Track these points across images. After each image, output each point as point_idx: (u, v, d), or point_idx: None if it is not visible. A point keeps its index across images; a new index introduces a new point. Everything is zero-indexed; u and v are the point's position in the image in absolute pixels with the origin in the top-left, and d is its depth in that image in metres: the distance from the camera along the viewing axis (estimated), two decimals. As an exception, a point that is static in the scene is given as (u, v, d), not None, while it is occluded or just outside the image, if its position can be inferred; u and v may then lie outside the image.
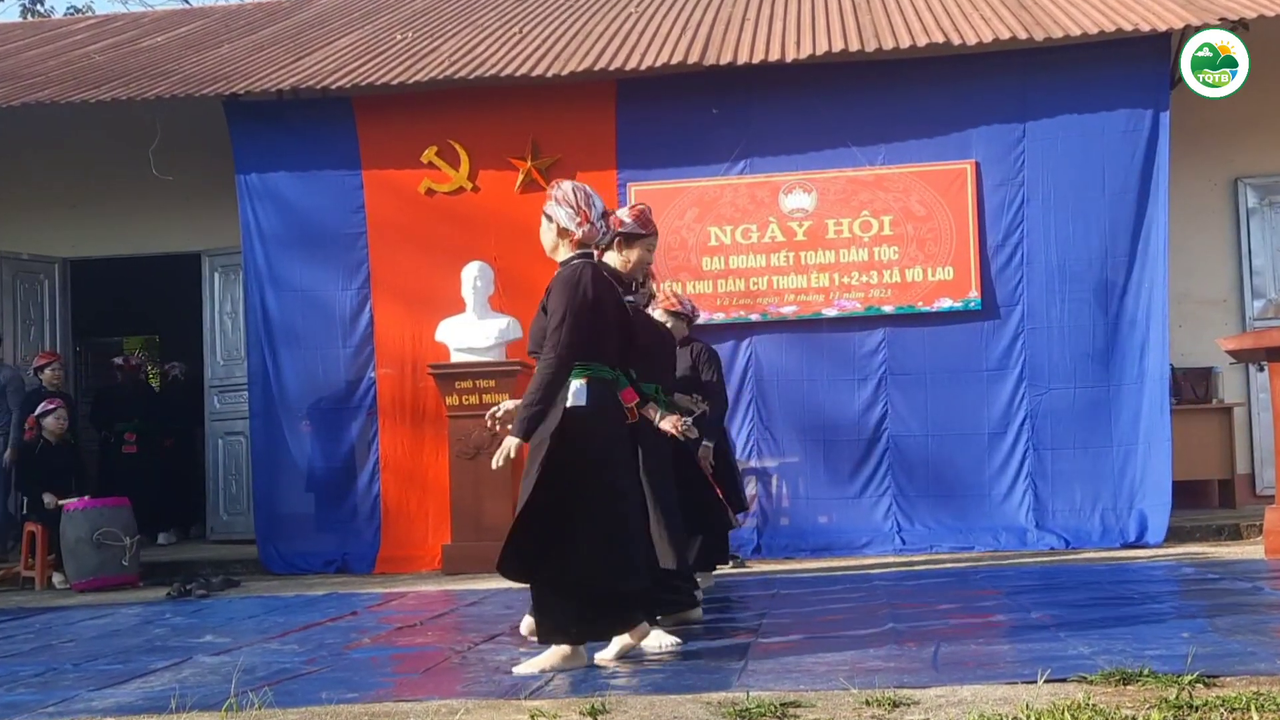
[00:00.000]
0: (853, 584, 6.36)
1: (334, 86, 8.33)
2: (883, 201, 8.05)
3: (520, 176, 8.37)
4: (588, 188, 4.36)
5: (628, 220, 4.78)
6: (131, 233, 10.00)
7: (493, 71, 8.16)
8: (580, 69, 8.05)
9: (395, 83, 8.23)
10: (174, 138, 9.11)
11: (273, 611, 6.33)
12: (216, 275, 9.79)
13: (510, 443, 4.09)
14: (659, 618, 4.72)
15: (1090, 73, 7.84)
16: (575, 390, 4.18)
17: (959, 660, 4.02)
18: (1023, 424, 7.81)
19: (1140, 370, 7.71)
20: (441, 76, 8.18)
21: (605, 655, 4.25)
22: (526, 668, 4.14)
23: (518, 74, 8.11)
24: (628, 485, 4.36)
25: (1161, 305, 7.71)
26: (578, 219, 4.28)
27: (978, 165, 7.94)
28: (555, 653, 4.17)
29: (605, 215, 4.38)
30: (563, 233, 4.31)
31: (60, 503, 8.06)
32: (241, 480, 9.45)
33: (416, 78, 8.23)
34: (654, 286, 5.75)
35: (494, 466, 4.16)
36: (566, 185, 4.36)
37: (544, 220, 4.36)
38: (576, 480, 4.12)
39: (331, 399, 8.43)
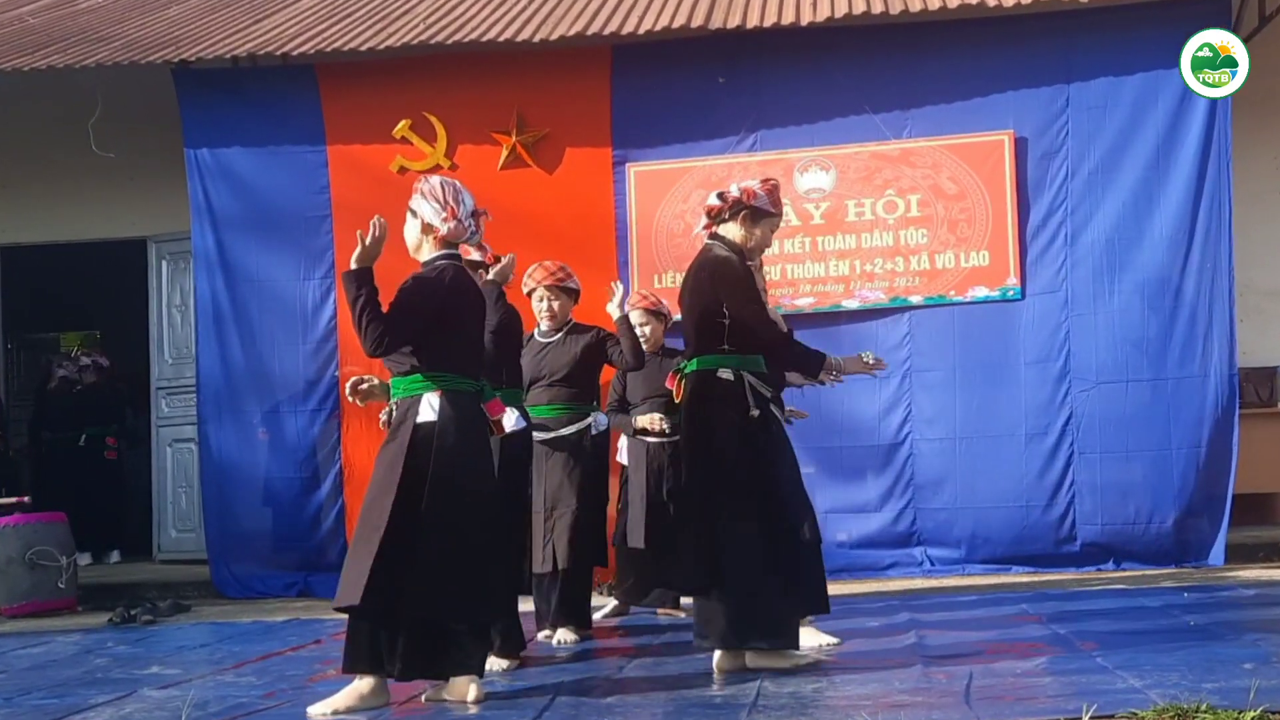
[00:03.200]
0: (874, 607, 6.35)
1: (295, 53, 8.31)
2: (909, 179, 8.04)
3: (504, 153, 8.35)
4: (458, 183, 4.51)
5: (760, 194, 4.85)
6: (69, 216, 9.97)
7: (473, 36, 8.14)
8: (571, 33, 8.04)
9: (364, 48, 8.21)
10: (117, 110, 9.09)
11: (227, 640, 6.33)
12: (164, 263, 9.77)
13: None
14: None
15: (1142, 33, 7.81)
16: (427, 405, 4.30)
17: (994, 694, 4.02)
18: (1065, 425, 7.78)
19: (1202, 366, 7.67)
20: (416, 41, 8.15)
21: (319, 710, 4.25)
22: (320, 708, 4.22)
23: (501, 38, 8.09)
24: (481, 507, 4.41)
25: (1225, 292, 7.66)
26: (444, 214, 4.41)
27: (1016, 137, 7.92)
28: (354, 688, 4.27)
29: (476, 214, 4.49)
30: (427, 229, 4.46)
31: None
32: (192, 493, 9.44)
33: (388, 43, 8.21)
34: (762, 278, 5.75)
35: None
36: (435, 180, 4.49)
37: (409, 216, 4.51)
38: (420, 500, 4.21)
39: (290, 401, 8.42)
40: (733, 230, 4.88)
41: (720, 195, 4.92)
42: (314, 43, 8.38)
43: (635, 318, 6.38)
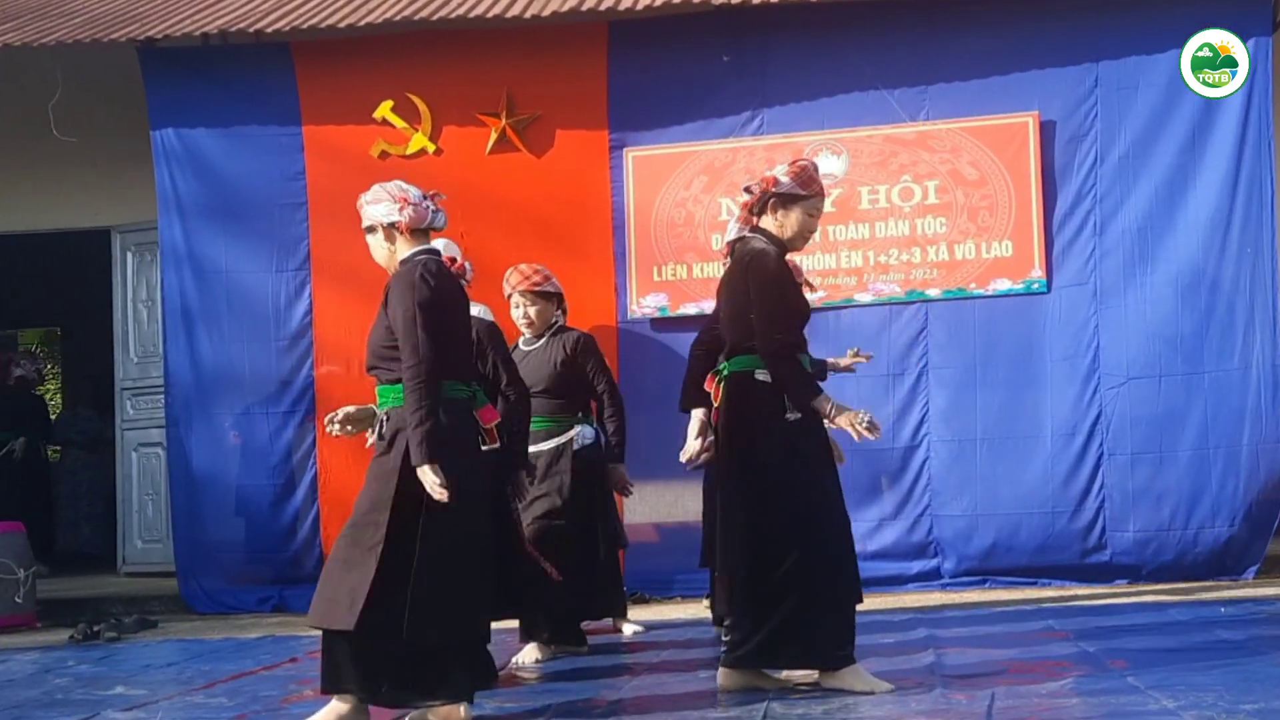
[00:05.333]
0: (889, 622, 6.35)
1: (269, 29, 8.29)
2: (927, 164, 8.03)
3: (492, 136, 8.35)
4: (399, 181, 4.58)
5: (784, 179, 4.84)
6: (27, 205, 9.96)
7: (460, 11, 8.14)
8: (565, 8, 8.03)
9: (343, 24, 8.20)
10: (78, 91, 9.07)
11: (196, 658, 6.33)
12: (129, 255, 9.76)
13: (424, 474, 4.16)
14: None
15: (1176, 7, 7.81)
16: None
17: (1018, 716, 4.02)
18: (1094, 426, 7.76)
19: (1242, 359, 7.63)
20: (399, 17, 8.15)
21: None
22: None
23: (490, 14, 8.09)
24: (475, 524, 4.42)
25: (1267, 280, 7.64)
26: (396, 205, 4.44)
27: (1041, 119, 7.90)
28: (333, 709, 4.29)
29: (429, 195, 4.53)
30: (389, 232, 4.49)
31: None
32: (159, 501, 9.43)
33: (368, 18, 8.20)
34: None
35: (443, 499, 4.17)
36: (374, 187, 4.56)
37: (368, 237, 4.55)
38: (417, 516, 4.21)
39: (263, 403, 8.42)
40: (768, 222, 4.88)
41: (747, 188, 4.95)
42: (289, 19, 8.37)
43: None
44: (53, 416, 12.20)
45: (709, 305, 7.75)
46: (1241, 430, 7.62)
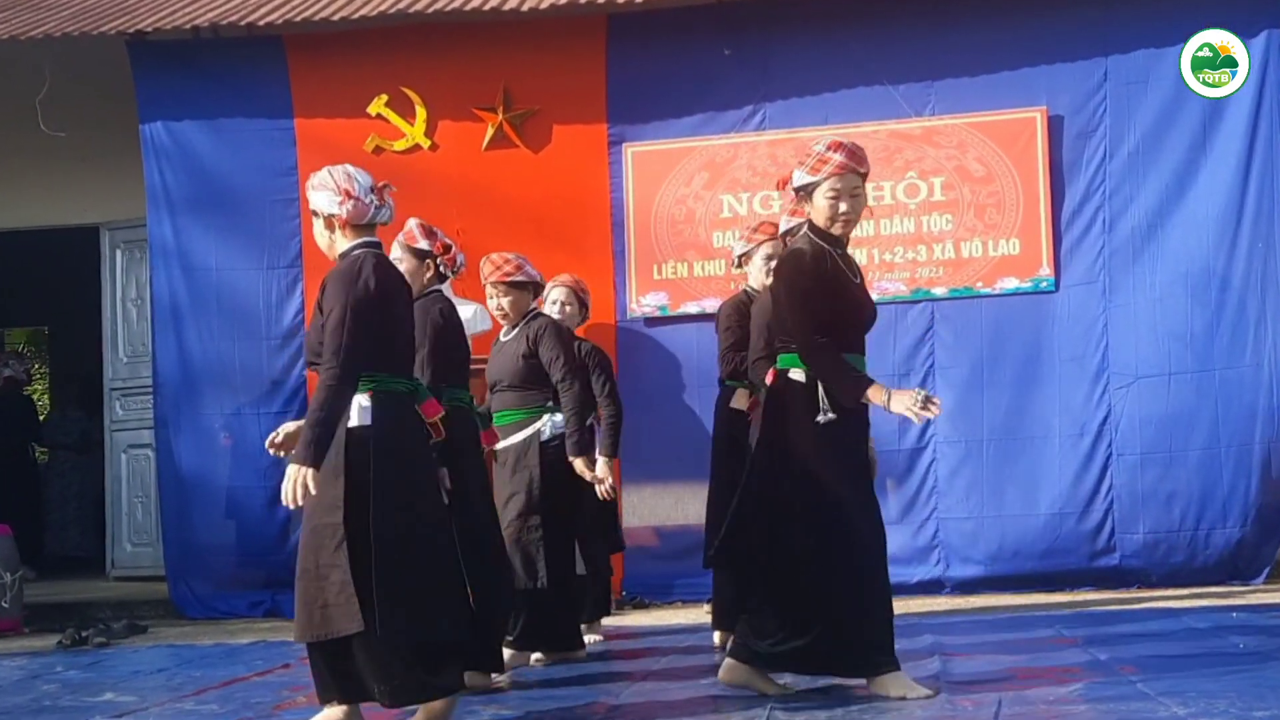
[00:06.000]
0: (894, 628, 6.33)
1: (261, 22, 8.30)
2: (933, 160, 8.03)
3: (489, 131, 8.35)
4: (350, 166, 4.50)
5: (795, 175, 4.75)
6: (14, 201, 9.96)
7: (456, 3, 8.13)
8: (563, 1, 8.03)
9: (336, 17, 8.21)
10: (67, 86, 9.07)
11: (187, 664, 6.32)
12: (118, 253, 9.77)
13: (297, 472, 4.12)
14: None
15: (1182, 1, 7.81)
16: (358, 407, 4.28)
17: (1024, 723, 4.01)
18: (1103, 426, 7.76)
19: (1254, 357, 7.64)
20: (393, 10, 8.16)
21: None
22: None
23: (486, 7, 8.08)
24: (426, 519, 4.41)
25: (1278, 276, 7.66)
26: (338, 198, 4.41)
27: (1049, 114, 7.91)
28: (326, 717, 4.31)
29: (376, 189, 4.48)
30: (329, 222, 4.47)
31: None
32: (149, 503, 9.44)
33: (362, 11, 8.21)
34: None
35: (287, 505, 4.14)
36: (323, 171, 4.51)
37: (315, 221, 4.54)
38: (362, 515, 4.20)
39: (254, 403, 8.42)
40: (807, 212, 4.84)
41: (779, 184, 4.95)
42: (281, 11, 8.37)
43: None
44: (41, 417, 12.22)
45: (710, 304, 7.78)
46: (1253, 429, 7.62)
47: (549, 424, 5.93)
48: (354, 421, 4.28)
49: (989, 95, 8.00)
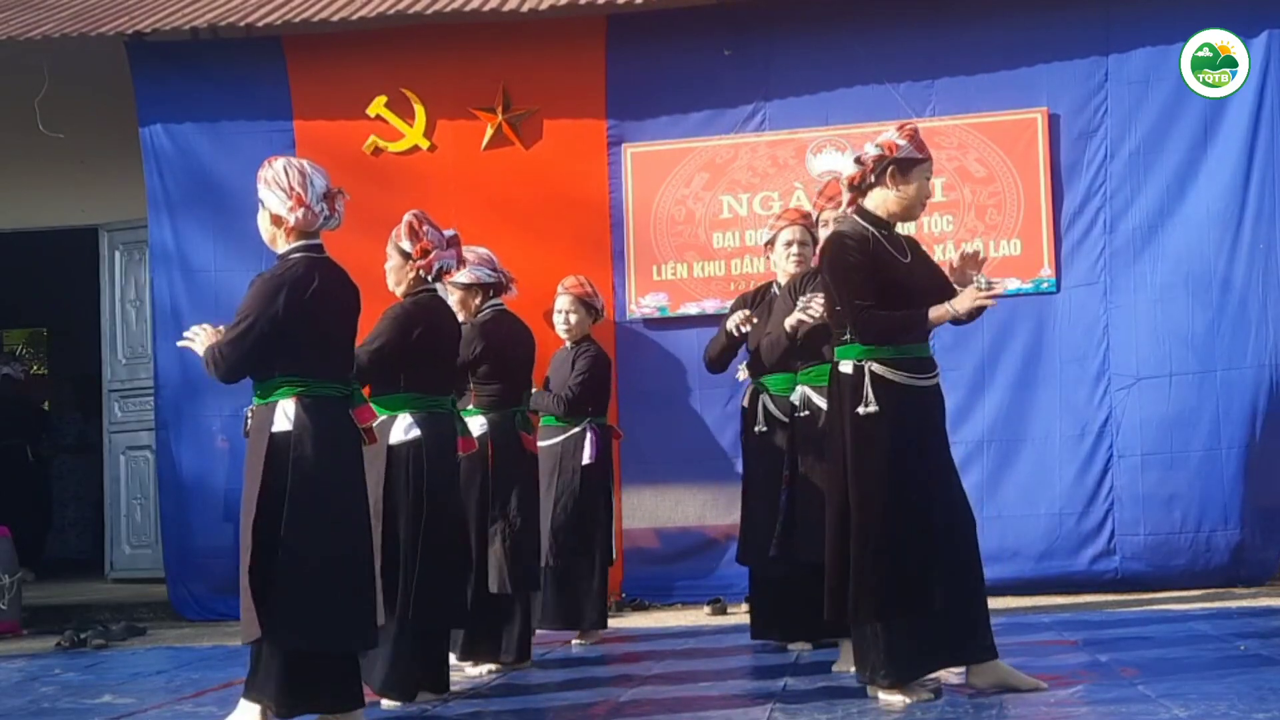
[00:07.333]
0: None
1: (260, 23, 8.29)
2: (933, 160, 7.98)
3: (488, 132, 8.35)
4: (306, 164, 4.47)
5: (902, 142, 4.69)
6: (12, 202, 9.95)
7: (455, 5, 8.13)
8: (562, 1, 8.03)
9: (335, 18, 8.20)
10: (65, 86, 9.07)
11: (185, 666, 6.33)
12: (118, 254, 9.75)
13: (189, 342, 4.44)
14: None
15: (1182, 1, 7.81)
16: (282, 413, 4.29)
17: (1025, 725, 4.01)
18: (1104, 427, 7.76)
19: (1255, 358, 7.63)
20: (392, 10, 8.16)
21: None
22: None
23: (486, 7, 8.08)
24: (344, 524, 4.38)
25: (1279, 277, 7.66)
26: (289, 203, 4.40)
27: (1050, 114, 7.91)
28: (243, 710, 4.34)
29: (329, 195, 4.46)
30: (276, 221, 4.46)
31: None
32: (148, 505, 9.43)
33: (361, 12, 8.21)
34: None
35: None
36: (278, 164, 4.46)
37: (260, 211, 4.52)
38: (280, 517, 4.22)
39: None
40: (880, 196, 4.71)
41: (858, 159, 4.75)
42: (280, 12, 8.37)
43: (562, 303, 6.75)
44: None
45: (710, 305, 7.79)
46: (1254, 431, 7.61)
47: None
48: (277, 427, 4.27)
49: (989, 95, 7.99)
